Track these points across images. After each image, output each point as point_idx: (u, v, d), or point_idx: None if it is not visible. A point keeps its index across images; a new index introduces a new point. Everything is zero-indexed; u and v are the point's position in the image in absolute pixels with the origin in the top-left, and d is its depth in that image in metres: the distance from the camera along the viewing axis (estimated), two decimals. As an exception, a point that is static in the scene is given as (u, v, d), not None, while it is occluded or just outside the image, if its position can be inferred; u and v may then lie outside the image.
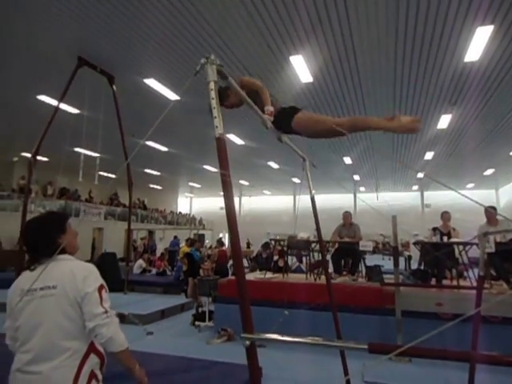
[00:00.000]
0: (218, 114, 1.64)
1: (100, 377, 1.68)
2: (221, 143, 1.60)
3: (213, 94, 1.65)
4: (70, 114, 10.11)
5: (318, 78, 8.30)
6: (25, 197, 7.86)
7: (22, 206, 7.66)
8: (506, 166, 17.05)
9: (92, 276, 1.69)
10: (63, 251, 1.71)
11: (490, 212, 5.75)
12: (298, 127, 2.40)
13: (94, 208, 18.79)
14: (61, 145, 10.76)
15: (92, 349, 1.66)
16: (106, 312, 1.63)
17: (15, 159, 16.56)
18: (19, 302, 1.62)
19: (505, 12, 5.80)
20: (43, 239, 1.73)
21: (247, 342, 1.48)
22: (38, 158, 7.57)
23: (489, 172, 18.55)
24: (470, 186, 21.80)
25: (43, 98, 9.40)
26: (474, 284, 5.36)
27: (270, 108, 2.47)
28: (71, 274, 1.65)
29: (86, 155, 9.87)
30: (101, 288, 1.67)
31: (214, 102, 1.64)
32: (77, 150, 12.23)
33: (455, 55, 7.15)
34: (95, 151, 10.27)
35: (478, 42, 6.62)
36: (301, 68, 7.75)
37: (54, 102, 8.79)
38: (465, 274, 6.32)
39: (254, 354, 1.50)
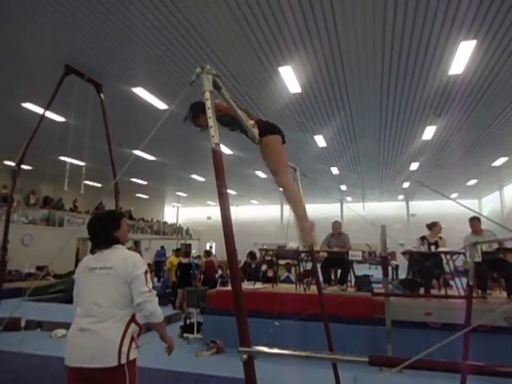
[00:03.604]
0: (214, 123, 1.62)
1: (138, 342, 2.12)
2: (217, 153, 1.58)
3: (208, 103, 1.64)
4: (56, 122, 9.97)
5: (307, 89, 8.38)
6: (8, 206, 7.66)
7: (5, 216, 7.45)
8: (489, 176, 17.47)
9: (140, 263, 2.16)
10: (117, 242, 2.26)
11: (475, 222, 5.86)
12: (263, 146, 2.53)
13: (79, 217, 18.44)
14: (46, 153, 10.59)
15: (133, 319, 2.11)
16: (150, 291, 2.09)
17: (-2, 167, 16.19)
18: (83, 275, 2.16)
19: (487, 27, 5.99)
20: (103, 232, 2.26)
21: (244, 356, 1.44)
22: (22, 166, 7.40)
23: (472, 182, 18.96)
24: (454, 195, 22.22)
25: (28, 105, 9.24)
26: (460, 293, 5.43)
27: (251, 122, 2.56)
28: (124, 259, 2.13)
29: (71, 164, 9.71)
30: (146, 272, 2.14)
31: (210, 112, 1.62)
32: (62, 158, 12.03)
33: (440, 68, 7.33)
34: (81, 160, 10.12)
35: (462, 56, 6.81)
36: (289, 78, 7.83)
37: (39, 110, 8.66)
38: (451, 282, 6.40)
39: (251, 368, 1.46)
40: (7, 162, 14.63)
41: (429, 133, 11.28)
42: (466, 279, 3.38)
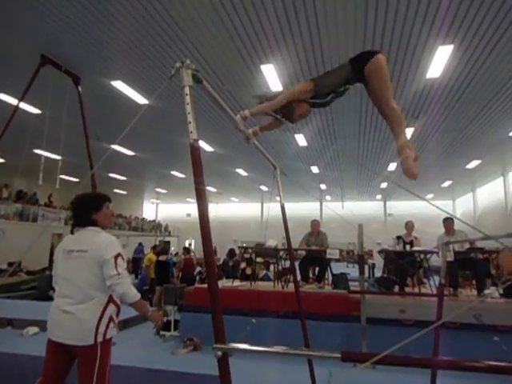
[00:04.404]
0: (193, 119, 1.60)
1: (116, 321, 2.20)
2: (195, 149, 1.56)
3: (188, 98, 1.62)
4: (31, 114, 9.67)
5: (288, 88, 8.38)
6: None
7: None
8: (463, 178, 18.02)
9: (111, 246, 2.18)
10: (95, 224, 2.28)
11: (448, 222, 6.03)
12: (372, 69, 2.18)
13: (54, 213, 17.95)
14: (19, 146, 10.23)
15: (111, 299, 2.18)
16: (119, 274, 2.12)
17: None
18: (62, 257, 2.22)
19: (464, 33, 6.16)
20: (81, 212, 2.31)
21: (219, 353, 1.44)
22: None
23: (447, 184, 19.51)
24: (430, 196, 22.80)
25: (1, 96, 8.93)
26: (433, 291, 5.58)
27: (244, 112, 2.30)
28: (97, 242, 2.17)
29: (46, 158, 9.43)
30: (117, 256, 2.16)
31: (190, 107, 1.61)
32: (37, 151, 11.67)
33: (418, 71, 7.50)
34: (57, 154, 9.84)
35: (440, 60, 6.99)
36: (271, 77, 7.85)
37: (13, 101, 8.38)
38: (424, 280, 6.57)
39: (225, 365, 1.46)
40: (-22, 154, 14.11)
41: (407, 134, 11.50)
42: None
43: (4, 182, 16.80)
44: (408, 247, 6.39)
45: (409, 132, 11.27)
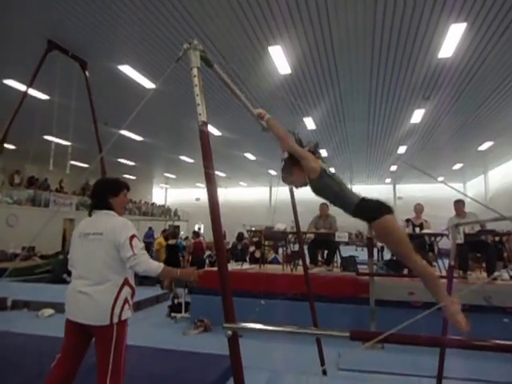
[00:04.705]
0: (202, 101, 1.59)
1: (131, 302, 2.27)
2: (204, 133, 1.56)
3: (196, 80, 1.61)
4: (40, 100, 9.71)
5: (296, 70, 8.30)
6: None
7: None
8: (474, 160, 17.72)
9: (126, 229, 2.23)
10: (112, 208, 2.35)
11: (459, 204, 5.97)
12: (377, 231, 2.03)
13: (65, 198, 18.19)
14: (30, 132, 10.32)
15: (126, 282, 2.24)
16: (135, 254, 2.17)
17: (-21, 147, 15.80)
18: (78, 239, 2.28)
19: (478, 10, 5.96)
20: (98, 195, 2.39)
21: (229, 332, 1.47)
22: (5, 145, 7.24)
23: (458, 166, 19.22)
24: (440, 179, 22.53)
25: (10, 82, 8.96)
26: (443, 273, 5.58)
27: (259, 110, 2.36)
28: (112, 226, 2.23)
29: (57, 144, 9.51)
30: (132, 237, 2.21)
31: (198, 89, 1.60)
32: (47, 138, 11.76)
33: (429, 51, 7.31)
34: (67, 139, 9.90)
35: (452, 39, 6.79)
36: (279, 59, 7.73)
37: (22, 87, 8.40)
38: (433, 263, 6.55)
39: (235, 344, 1.50)
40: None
41: (417, 116, 11.33)
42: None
43: (16, 168, 17.02)
44: (418, 230, 6.36)
45: (420, 113, 11.09)
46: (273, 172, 21.66)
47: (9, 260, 13.20)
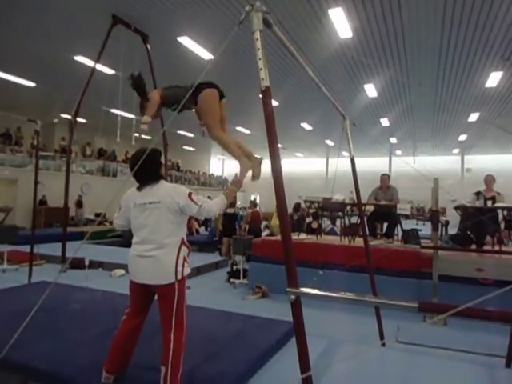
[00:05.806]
0: (264, 65, 1.57)
1: (188, 260, 2.43)
2: (267, 96, 1.54)
3: (258, 44, 1.58)
4: (106, 74, 10.19)
5: (358, 33, 7.82)
6: (67, 157, 8.20)
7: (66, 166, 7.99)
8: (560, 128, 15.82)
9: (179, 190, 2.39)
10: (162, 177, 2.51)
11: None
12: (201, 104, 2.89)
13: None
14: (98, 106, 10.95)
15: (183, 242, 2.40)
16: (201, 206, 2.35)
17: (55, 121, 17.09)
18: (134, 210, 2.42)
19: None
20: (152, 169, 2.46)
21: (292, 297, 1.50)
22: (77, 119, 7.75)
23: (539, 135, 17.30)
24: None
25: (80, 58, 9.49)
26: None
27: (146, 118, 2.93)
28: (168, 193, 2.36)
29: (122, 116, 10.01)
30: (190, 195, 2.37)
31: (260, 53, 1.57)
32: (113, 111, 12.41)
33: (513, 3, 6.49)
34: (131, 113, 10.37)
35: (542, -13, 5.96)
36: (340, 22, 7.32)
37: (90, 63, 8.86)
38: (505, 241, 6.08)
39: (298, 308, 1.52)
40: (64, 115, 15.38)
41: (494, 79, 10.26)
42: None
43: (87, 141, 18.33)
44: (489, 204, 5.89)
45: (496, 76, 10.02)
46: (330, 142, 21.10)
47: (84, 224, 14.51)
